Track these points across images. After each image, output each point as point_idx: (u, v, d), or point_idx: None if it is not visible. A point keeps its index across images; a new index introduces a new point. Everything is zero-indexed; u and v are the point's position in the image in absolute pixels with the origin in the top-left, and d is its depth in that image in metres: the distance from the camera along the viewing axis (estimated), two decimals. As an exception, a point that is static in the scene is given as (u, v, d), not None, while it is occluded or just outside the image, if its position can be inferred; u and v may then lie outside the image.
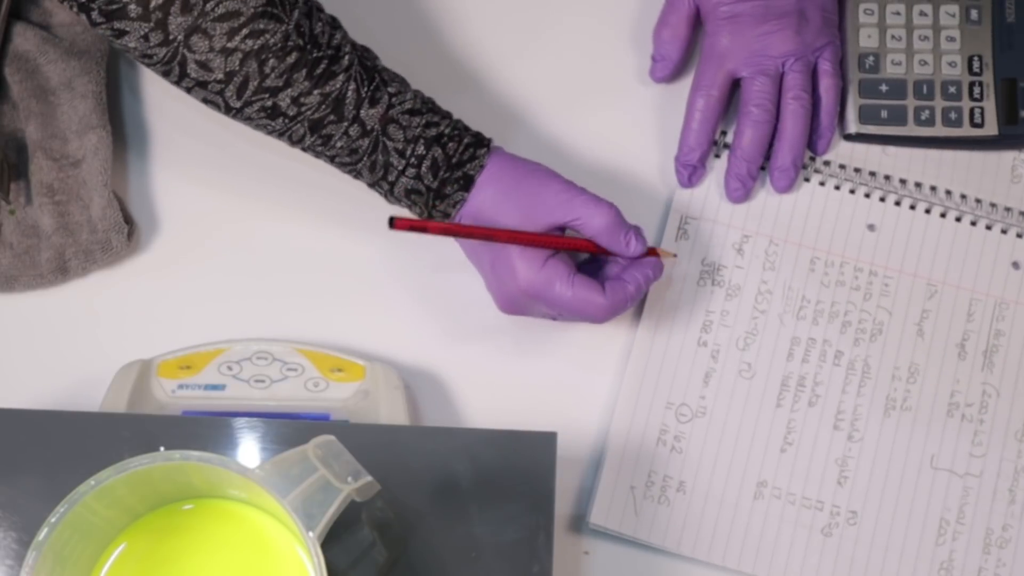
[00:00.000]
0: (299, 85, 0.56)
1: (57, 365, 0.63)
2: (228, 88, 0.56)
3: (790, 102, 0.64)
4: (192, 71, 0.56)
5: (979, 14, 0.68)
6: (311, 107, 0.57)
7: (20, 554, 0.52)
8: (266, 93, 0.56)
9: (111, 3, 0.54)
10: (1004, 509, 0.61)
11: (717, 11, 0.65)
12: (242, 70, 0.55)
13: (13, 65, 0.65)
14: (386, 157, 0.58)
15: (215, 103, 0.58)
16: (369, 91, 0.57)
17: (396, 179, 0.59)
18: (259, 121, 0.58)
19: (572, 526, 0.61)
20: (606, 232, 0.59)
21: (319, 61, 0.56)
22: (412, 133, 0.58)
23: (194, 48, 0.55)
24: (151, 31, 0.55)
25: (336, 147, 0.58)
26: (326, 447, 0.48)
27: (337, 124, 0.57)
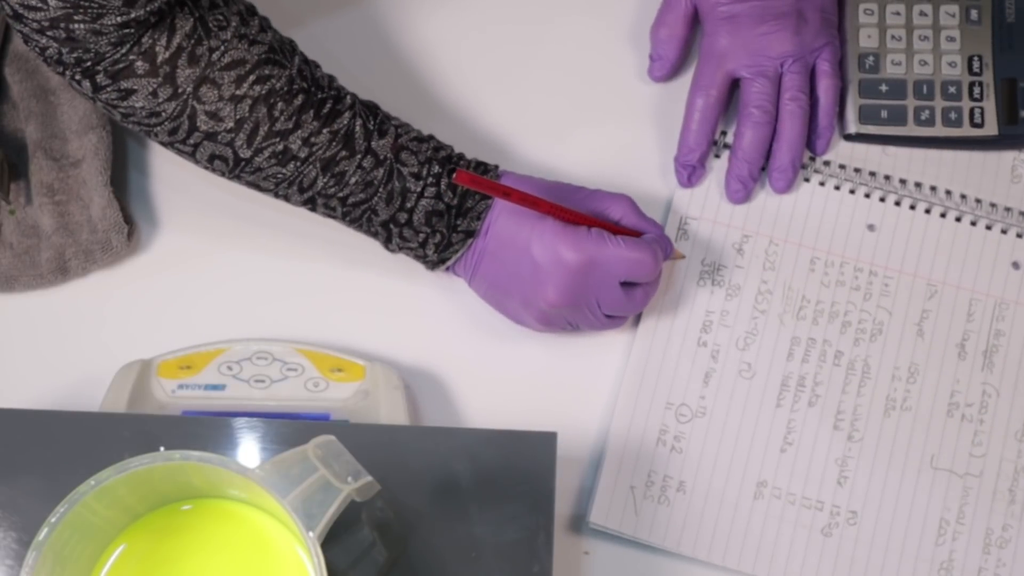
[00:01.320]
0: (308, 126, 0.56)
1: (57, 365, 0.63)
2: (239, 136, 0.56)
3: (788, 103, 0.64)
4: (201, 123, 0.56)
5: (979, 14, 0.68)
6: (322, 146, 0.57)
7: (20, 554, 0.52)
8: (277, 137, 0.56)
9: (117, 63, 0.54)
10: (1004, 509, 0.61)
11: (715, 11, 0.65)
12: (252, 116, 0.56)
13: (13, 65, 0.65)
14: (403, 183, 0.58)
15: (223, 157, 0.57)
16: (376, 124, 0.58)
17: (415, 204, 0.58)
18: (269, 170, 0.57)
19: (572, 526, 0.61)
20: (632, 212, 0.61)
21: (324, 102, 0.57)
22: (424, 156, 0.58)
23: (203, 99, 0.55)
24: (160, 86, 0.55)
25: (350, 184, 0.58)
26: (326, 447, 0.48)
27: (350, 159, 0.57)
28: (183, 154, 0.58)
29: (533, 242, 0.58)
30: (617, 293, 0.59)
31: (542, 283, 0.58)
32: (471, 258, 0.60)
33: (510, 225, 0.58)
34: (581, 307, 0.59)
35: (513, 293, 0.60)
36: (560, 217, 0.58)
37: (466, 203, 0.59)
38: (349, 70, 0.62)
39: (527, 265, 0.58)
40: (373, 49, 0.69)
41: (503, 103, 0.68)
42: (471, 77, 0.69)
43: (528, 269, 0.58)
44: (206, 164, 0.58)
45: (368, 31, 0.69)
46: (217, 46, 0.55)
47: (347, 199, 0.58)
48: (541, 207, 0.57)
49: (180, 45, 0.54)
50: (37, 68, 0.65)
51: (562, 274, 0.57)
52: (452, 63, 0.69)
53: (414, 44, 0.69)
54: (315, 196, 0.59)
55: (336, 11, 0.70)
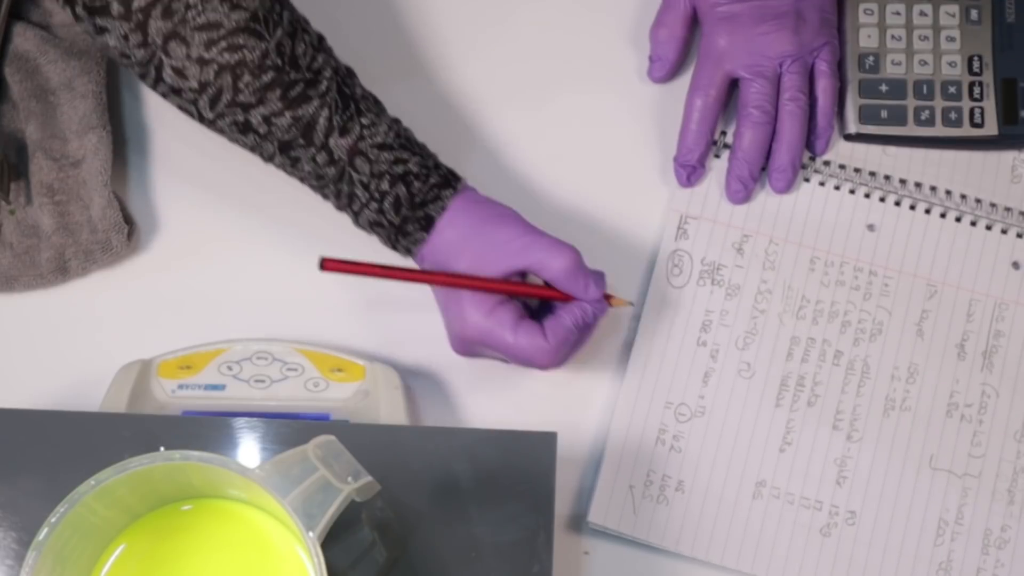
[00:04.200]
0: (271, 104, 0.56)
1: (57, 365, 0.63)
2: (201, 98, 0.56)
3: (787, 103, 0.64)
4: (167, 76, 0.56)
5: (979, 14, 0.68)
6: (281, 128, 0.57)
7: (20, 554, 0.52)
8: (238, 108, 0.56)
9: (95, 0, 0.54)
10: (1003, 510, 0.61)
11: (714, 11, 0.65)
12: (216, 82, 0.55)
13: (13, 65, 0.65)
14: (351, 188, 0.58)
15: (188, 111, 0.58)
16: (341, 120, 0.57)
17: (360, 210, 0.59)
18: (231, 134, 0.58)
19: (572, 526, 0.61)
20: (564, 276, 0.57)
21: (295, 84, 0.56)
22: (379, 168, 0.58)
23: (171, 54, 0.55)
24: (131, 32, 0.55)
25: (303, 170, 0.58)
26: (326, 447, 0.48)
27: (305, 148, 0.57)
28: (159, 94, 0.59)
29: (444, 294, 0.59)
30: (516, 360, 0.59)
31: (447, 327, 0.59)
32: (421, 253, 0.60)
33: (435, 265, 0.59)
34: (485, 356, 0.60)
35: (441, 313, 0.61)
36: (463, 287, 0.57)
37: (406, 227, 0.58)
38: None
39: (443, 301, 0.59)
40: (372, 44, 0.69)
41: (502, 103, 0.68)
42: (471, 77, 0.69)
43: (443, 306, 0.60)
44: (178, 109, 0.59)
45: (382, 26, 0.69)
46: (195, 3, 0.54)
47: (303, 180, 0.59)
48: (438, 281, 0.57)
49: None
50: (37, 68, 0.65)
51: (460, 334, 0.58)
52: (451, 63, 0.69)
53: (414, 44, 0.69)
54: (276, 166, 0.59)
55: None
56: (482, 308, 0.57)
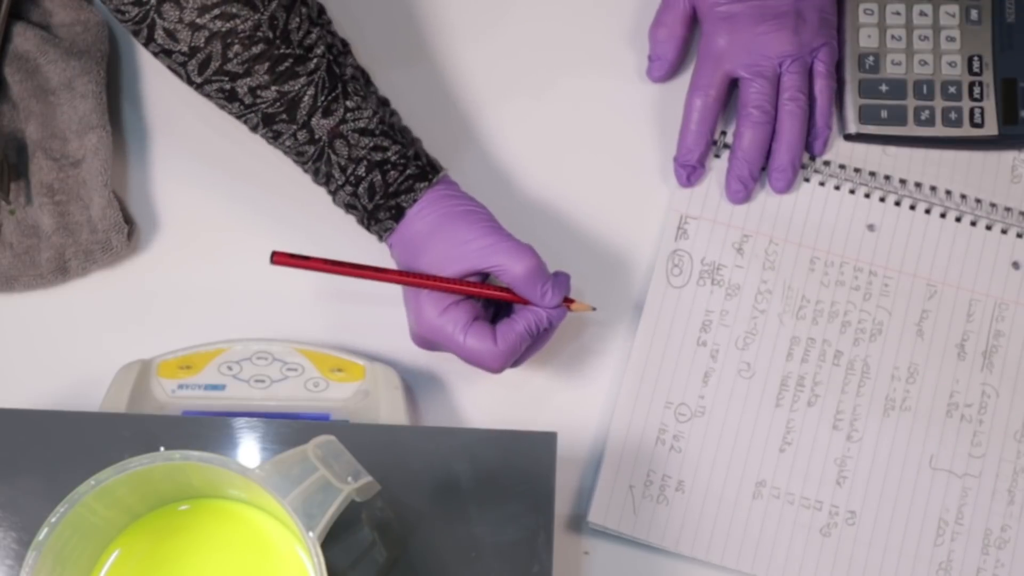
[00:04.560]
0: (258, 77, 0.56)
1: (57, 365, 0.63)
2: (191, 63, 0.57)
3: (787, 103, 0.64)
4: (159, 37, 0.56)
5: (979, 14, 0.68)
6: (266, 101, 0.57)
7: (20, 554, 0.52)
8: (226, 76, 0.57)
9: None
10: (1003, 510, 0.61)
11: (713, 11, 0.65)
12: (206, 48, 0.56)
13: (13, 65, 0.65)
14: (328, 168, 0.58)
15: (178, 73, 0.58)
16: (326, 100, 0.57)
17: (336, 191, 0.59)
18: (218, 100, 0.58)
19: (572, 526, 0.61)
20: (523, 280, 0.57)
21: (284, 58, 0.57)
22: (357, 153, 0.58)
23: (164, 15, 0.56)
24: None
25: (284, 144, 0.59)
26: (326, 447, 0.48)
27: (287, 124, 0.58)
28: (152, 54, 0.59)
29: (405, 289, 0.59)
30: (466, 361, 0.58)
31: (408, 320, 0.59)
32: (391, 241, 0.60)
33: (403, 255, 0.59)
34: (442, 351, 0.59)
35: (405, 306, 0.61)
36: (414, 285, 0.57)
37: (378, 214, 0.59)
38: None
39: (405, 296, 0.60)
40: (376, 42, 0.69)
41: (501, 100, 0.68)
42: (469, 74, 0.69)
43: (405, 299, 0.60)
44: (168, 70, 0.59)
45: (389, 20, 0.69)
46: None
47: (285, 153, 0.60)
48: (389, 279, 0.57)
49: None
50: (37, 68, 0.65)
51: (415, 328, 0.59)
52: (449, 60, 0.69)
53: (413, 40, 0.69)
54: (260, 136, 0.60)
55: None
56: (438, 306, 0.57)
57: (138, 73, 0.68)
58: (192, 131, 0.67)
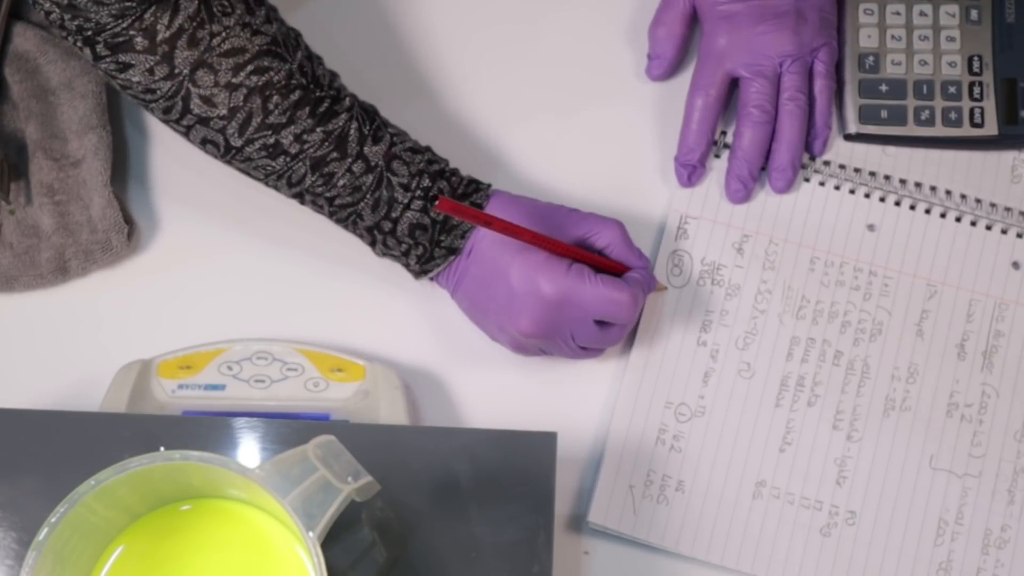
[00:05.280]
0: (302, 123, 0.56)
1: (57, 365, 0.63)
2: (231, 125, 0.56)
3: (787, 103, 0.64)
4: (195, 107, 0.56)
5: (979, 14, 0.68)
6: (314, 144, 0.57)
7: (20, 554, 0.52)
8: (269, 130, 0.56)
9: (117, 36, 0.54)
10: (1003, 510, 0.61)
11: (714, 10, 0.65)
12: (246, 106, 0.56)
13: (13, 65, 0.65)
14: (390, 192, 0.58)
15: (215, 142, 0.57)
16: (371, 129, 0.58)
17: (400, 214, 0.58)
18: (259, 161, 0.58)
19: (572, 526, 0.61)
20: (620, 241, 0.60)
21: (322, 100, 0.57)
22: (416, 168, 0.58)
23: (199, 83, 0.55)
24: (156, 64, 0.55)
25: (338, 186, 0.58)
26: (326, 447, 0.48)
27: (340, 161, 0.57)
28: (178, 132, 0.58)
29: (513, 270, 0.57)
30: (591, 329, 0.58)
31: (517, 312, 0.58)
32: (452, 274, 0.60)
33: (493, 249, 0.58)
34: (555, 338, 0.59)
35: (490, 315, 0.59)
36: (543, 247, 0.57)
37: (451, 220, 0.58)
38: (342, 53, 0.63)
39: (505, 291, 0.58)
40: (370, 37, 0.69)
41: (500, 102, 0.68)
42: (468, 75, 0.69)
43: (505, 295, 0.58)
44: (199, 146, 0.58)
45: (367, 21, 0.69)
46: (219, 31, 0.55)
47: (334, 200, 0.58)
48: (524, 236, 0.57)
49: (182, 26, 0.54)
50: (37, 68, 0.65)
51: (537, 306, 0.57)
52: (448, 62, 0.69)
53: (411, 39, 0.69)
54: (303, 192, 0.59)
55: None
56: (559, 269, 0.57)
57: (138, 73, 0.68)
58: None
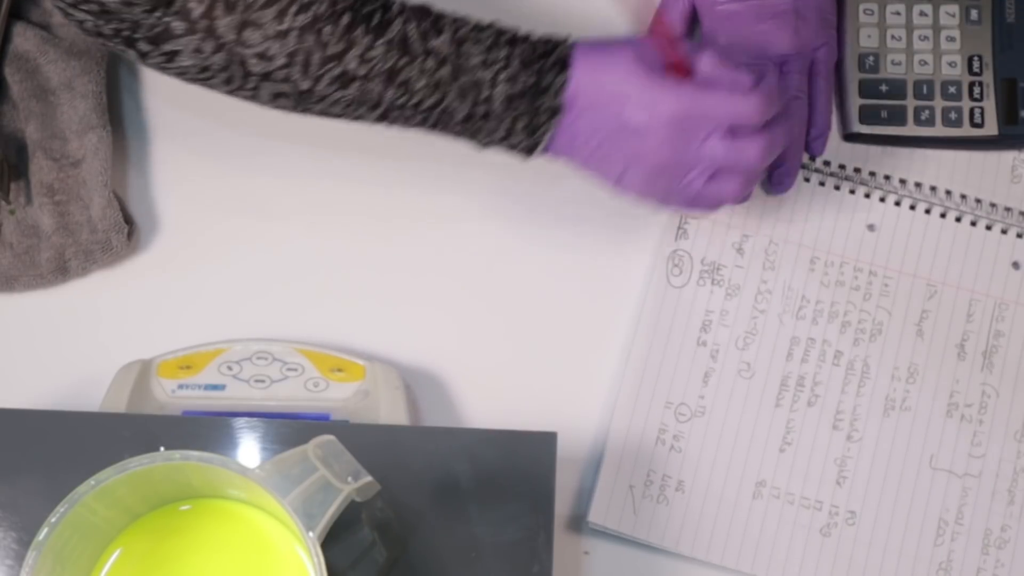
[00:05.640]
0: (361, 42, 0.55)
1: (57, 365, 0.63)
2: (294, 70, 0.55)
3: (786, 103, 0.64)
4: (253, 67, 0.54)
5: (979, 14, 0.68)
6: (379, 59, 0.55)
7: (20, 554, 0.52)
8: (332, 62, 0.55)
9: (154, 28, 0.53)
10: (1003, 510, 0.61)
11: (714, 10, 0.65)
12: (302, 47, 0.54)
13: (13, 65, 0.65)
14: (471, 76, 0.56)
15: (284, 93, 0.56)
16: (430, 23, 0.56)
17: (490, 93, 0.56)
18: (333, 96, 0.56)
19: (572, 526, 0.61)
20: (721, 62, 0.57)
21: (372, 14, 0.55)
22: (487, 43, 0.56)
23: (249, 43, 0.54)
24: (202, 41, 0.54)
25: (417, 89, 0.56)
26: (326, 447, 0.48)
27: (410, 65, 0.55)
28: (248, 99, 0.57)
29: (628, 100, 0.55)
30: (722, 144, 0.56)
31: (643, 138, 0.56)
32: (564, 134, 0.58)
33: (597, 89, 0.56)
34: (685, 164, 0.56)
35: (614, 158, 0.57)
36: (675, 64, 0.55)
37: (542, 81, 0.56)
38: None
39: (624, 124, 0.56)
40: None
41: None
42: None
43: (626, 128, 0.56)
44: (271, 104, 0.57)
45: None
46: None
47: (420, 105, 0.57)
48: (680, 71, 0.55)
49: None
50: (37, 68, 0.65)
51: (662, 125, 0.55)
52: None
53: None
54: (387, 111, 0.57)
55: None
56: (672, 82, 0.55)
57: (138, 73, 0.68)
58: (192, 131, 0.67)
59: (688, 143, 0.55)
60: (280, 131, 0.67)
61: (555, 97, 0.56)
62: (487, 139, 0.58)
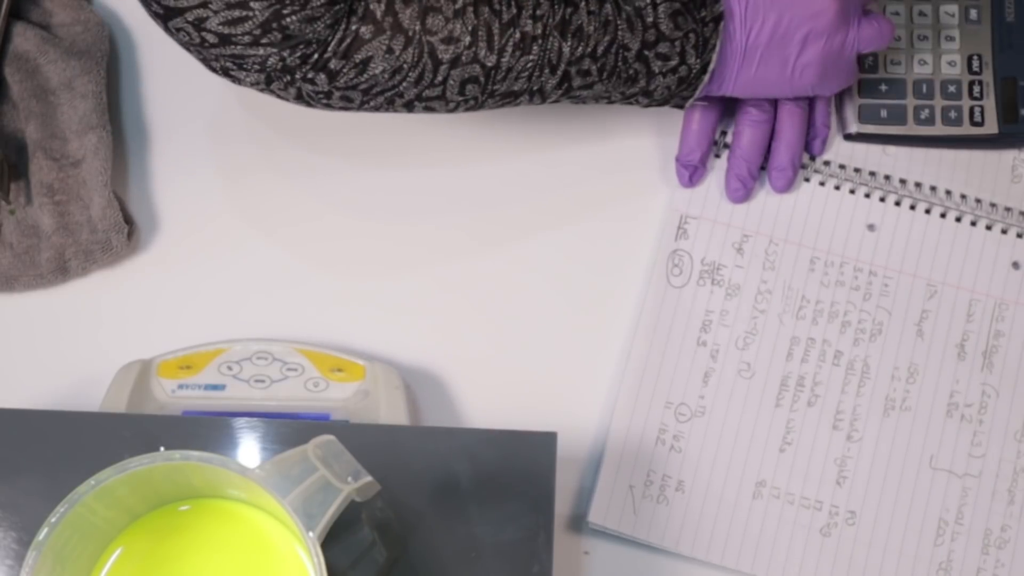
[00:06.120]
0: (528, 3, 0.55)
1: (57, 365, 0.63)
2: (479, 46, 0.55)
3: (786, 102, 0.65)
4: (442, 53, 0.54)
5: (979, 14, 0.68)
6: (548, 14, 0.56)
7: (20, 554, 0.52)
8: (510, 28, 0.55)
9: (343, 41, 0.53)
10: (1003, 510, 0.62)
11: (715, 9, 0.65)
12: (480, 20, 0.54)
13: (13, 65, 0.65)
14: (631, 5, 0.57)
15: (473, 77, 0.56)
16: None
17: (655, 15, 0.57)
18: (517, 65, 0.56)
19: (572, 526, 0.61)
20: None
21: None
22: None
23: (434, 29, 0.54)
24: (392, 39, 0.53)
25: (591, 34, 0.56)
26: (326, 447, 0.48)
27: (576, 11, 0.56)
28: (432, 100, 0.57)
29: None
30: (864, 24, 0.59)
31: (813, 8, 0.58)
32: (731, 41, 0.59)
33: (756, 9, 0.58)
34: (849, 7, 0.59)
35: (792, 34, 0.59)
36: None
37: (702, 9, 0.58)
38: None
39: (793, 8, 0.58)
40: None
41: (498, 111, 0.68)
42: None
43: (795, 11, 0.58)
44: (459, 97, 0.57)
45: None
46: None
47: (595, 51, 0.57)
48: None
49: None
50: (37, 68, 0.65)
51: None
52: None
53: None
54: (567, 68, 0.57)
55: None
56: None
57: (138, 73, 0.68)
58: (192, 131, 0.67)
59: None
60: (280, 131, 0.67)
61: (715, 4, 0.58)
62: (662, 68, 0.58)
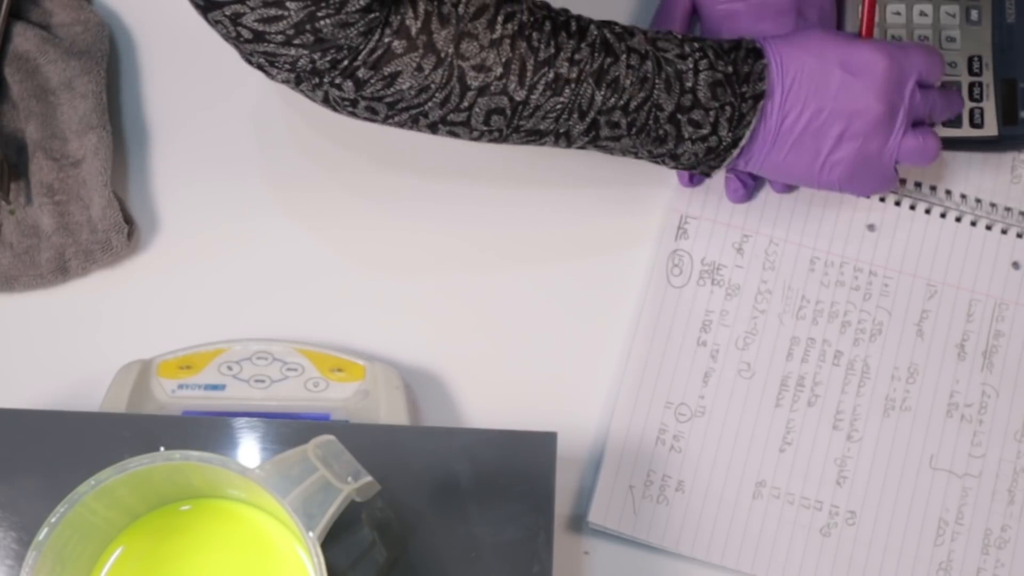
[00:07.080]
0: (568, 46, 0.55)
1: (57, 365, 0.63)
2: (510, 79, 0.55)
3: None
4: (471, 80, 0.54)
5: (979, 14, 0.68)
6: (586, 59, 0.56)
7: (20, 554, 0.52)
8: (544, 67, 0.55)
9: (374, 51, 0.53)
10: (1003, 510, 0.62)
11: (714, 9, 0.65)
12: (516, 54, 0.54)
13: (13, 65, 0.65)
14: (673, 67, 0.57)
15: (499, 108, 0.56)
16: (620, 27, 0.57)
17: (695, 82, 0.57)
18: (546, 105, 0.56)
19: (572, 526, 0.61)
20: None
21: (568, 21, 0.56)
22: (677, 40, 0.58)
23: (467, 55, 0.54)
24: (423, 58, 0.53)
25: (626, 87, 0.56)
26: (326, 447, 0.48)
27: (616, 63, 0.56)
28: (455, 125, 0.57)
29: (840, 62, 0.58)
30: (920, 92, 0.59)
31: (860, 95, 0.58)
32: (766, 122, 0.59)
33: (800, 65, 0.58)
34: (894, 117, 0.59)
35: (827, 129, 0.59)
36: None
37: (742, 68, 0.58)
38: None
39: (841, 85, 0.58)
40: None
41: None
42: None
43: (844, 89, 0.58)
44: (483, 126, 0.57)
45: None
46: (457, 0, 0.54)
47: (628, 105, 0.57)
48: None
49: (427, 10, 0.53)
50: (37, 68, 0.65)
51: (880, 77, 0.58)
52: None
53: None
54: (596, 117, 0.57)
55: None
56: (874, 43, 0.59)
57: (138, 73, 0.68)
58: (192, 131, 0.67)
59: (899, 93, 0.59)
60: (280, 132, 0.67)
61: (758, 82, 0.58)
62: (692, 136, 0.58)
